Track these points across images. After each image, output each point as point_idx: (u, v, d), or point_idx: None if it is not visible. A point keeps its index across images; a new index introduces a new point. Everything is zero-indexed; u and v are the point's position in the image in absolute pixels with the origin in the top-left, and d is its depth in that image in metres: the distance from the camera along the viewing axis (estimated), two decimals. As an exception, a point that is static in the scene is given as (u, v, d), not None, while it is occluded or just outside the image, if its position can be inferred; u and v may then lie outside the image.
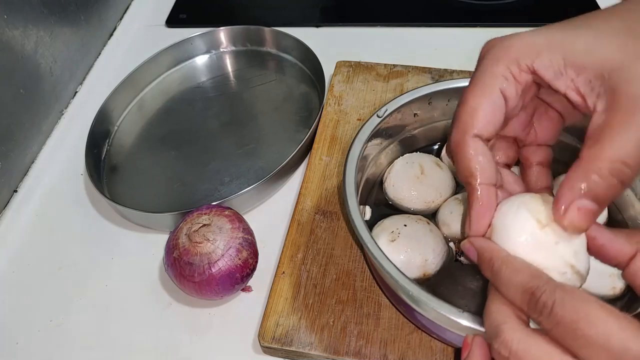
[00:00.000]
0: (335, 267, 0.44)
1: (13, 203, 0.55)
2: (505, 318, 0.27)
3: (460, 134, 0.31)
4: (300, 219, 0.47)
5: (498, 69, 0.30)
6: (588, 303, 0.24)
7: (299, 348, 0.40)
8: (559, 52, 0.29)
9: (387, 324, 0.40)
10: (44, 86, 0.60)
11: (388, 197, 0.47)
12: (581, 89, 0.28)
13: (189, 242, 0.42)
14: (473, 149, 0.30)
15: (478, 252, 0.30)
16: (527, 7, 0.70)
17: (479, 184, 0.31)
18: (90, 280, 0.49)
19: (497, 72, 0.30)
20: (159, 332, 0.45)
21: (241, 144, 0.57)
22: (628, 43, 0.27)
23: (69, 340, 0.45)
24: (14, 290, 0.49)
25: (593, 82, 0.28)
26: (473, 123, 0.30)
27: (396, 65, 0.59)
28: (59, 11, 0.62)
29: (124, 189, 0.55)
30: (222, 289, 0.42)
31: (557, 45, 0.29)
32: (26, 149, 0.58)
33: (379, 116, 0.44)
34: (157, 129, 0.61)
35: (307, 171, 0.50)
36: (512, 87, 0.30)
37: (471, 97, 0.31)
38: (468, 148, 0.30)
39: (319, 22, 0.72)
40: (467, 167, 0.31)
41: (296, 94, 0.62)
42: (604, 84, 0.27)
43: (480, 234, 0.31)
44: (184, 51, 0.66)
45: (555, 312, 0.25)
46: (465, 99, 0.31)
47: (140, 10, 0.77)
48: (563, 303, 0.25)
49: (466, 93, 0.31)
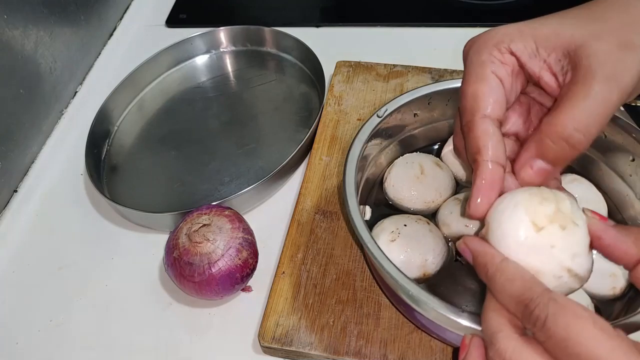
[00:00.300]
0: (335, 267, 0.44)
1: (13, 203, 0.55)
2: (500, 326, 0.27)
3: (469, 116, 0.31)
4: (300, 219, 0.47)
5: (483, 57, 0.32)
6: (581, 320, 0.24)
7: (299, 348, 0.40)
8: (530, 37, 0.31)
9: (387, 323, 0.40)
10: (44, 86, 0.60)
11: (388, 197, 0.47)
12: (553, 68, 0.31)
13: (189, 242, 0.42)
14: (482, 127, 0.31)
15: (473, 255, 0.30)
16: (527, 7, 0.70)
17: (484, 160, 0.30)
18: (90, 280, 0.49)
19: (483, 60, 0.32)
20: (159, 332, 0.45)
21: (241, 144, 0.57)
22: (589, 24, 0.30)
23: (69, 340, 0.45)
24: (14, 290, 0.49)
25: (562, 61, 0.30)
26: (479, 105, 0.31)
27: (396, 65, 0.58)
28: (59, 11, 0.62)
29: (124, 189, 0.55)
30: (222, 289, 0.42)
31: (527, 32, 0.31)
32: (26, 149, 0.58)
33: (379, 116, 0.44)
34: (157, 129, 0.61)
35: (307, 171, 0.50)
36: (501, 69, 0.32)
37: (468, 86, 0.32)
38: (477, 127, 0.31)
39: (319, 22, 0.72)
40: (474, 144, 0.31)
41: (296, 94, 0.62)
42: (571, 61, 0.30)
43: (478, 216, 0.31)
44: (184, 51, 0.66)
45: (548, 326, 0.25)
46: (464, 90, 0.32)
47: (140, 10, 0.77)
48: (555, 318, 0.25)
49: (462, 86, 0.32)
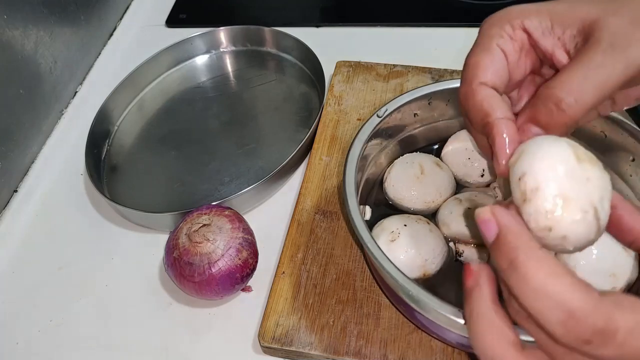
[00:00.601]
0: (335, 267, 0.44)
1: (13, 203, 0.55)
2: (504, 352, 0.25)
3: (467, 85, 0.31)
4: (300, 219, 0.47)
5: (493, 31, 0.31)
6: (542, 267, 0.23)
7: (299, 348, 0.40)
8: (546, 14, 0.31)
9: (387, 324, 0.40)
10: (44, 86, 0.60)
11: (388, 197, 0.47)
12: (567, 45, 0.30)
13: (189, 242, 0.42)
14: (483, 92, 0.30)
15: (500, 231, 0.25)
16: (527, 7, 0.70)
17: (498, 117, 0.29)
18: (90, 280, 0.49)
19: (492, 33, 0.31)
20: (159, 332, 0.45)
21: (241, 144, 0.57)
22: (606, 3, 0.29)
23: (69, 340, 0.45)
24: (14, 290, 0.49)
25: (577, 37, 0.30)
26: (477, 73, 0.31)
27: (396, 65, 0.58)
28: (59, 11, 0.62)
29: (124, 189, 0.55)
30: (222, 289, 0.42)
31: (544, 9, 0.31)
32: (26, 149, 0.58)
33: (379, 116, 0.44)
34: (157, 129, 0.61)
35: (307, 171, 0.50)
36: (508, 44, 0.31)
37: (471, 56, 0.32)
38: (476, 94, 0.30)
39: (319, 22, 0.72)
40: (479, 109, 0.30)
41: (296, 94, 0.62)
42: (584, 37, 0.29)
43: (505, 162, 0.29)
44: (184, 51, 0.66)
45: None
46: (466, 61, 0.32)
47: (140, 10, 0.77)
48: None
49: (467, 57, 0.32)
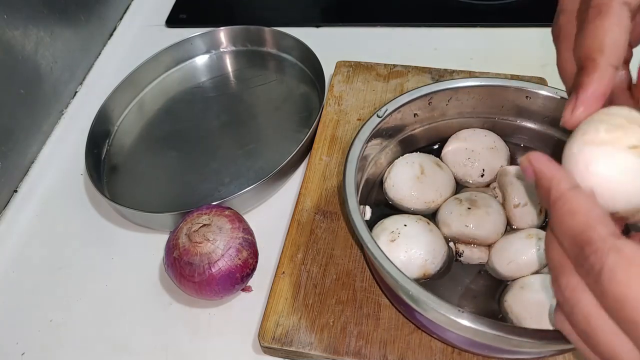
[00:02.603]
0: (335, 267, 0.44)
1: (13, 203, 0.55)
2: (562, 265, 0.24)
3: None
4: (300, 219, 0.47)
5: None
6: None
7: (299, 348, 0.40)
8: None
9: (387, 324, 0.40)
10: (44, 86, 0.60)
11: (388, 197, 0.47)
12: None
13: (189, 242, 0.42)
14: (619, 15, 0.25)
15: (536, 176, 0.27)
16: (527, 7, 0.70)
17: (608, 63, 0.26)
18: (90, 280, 0.49)
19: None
20: (159, 332, 0.45)
21: (241, 144, 0.57)
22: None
23: (69, 340, 0.45)
24: (14, 290, 0.49)
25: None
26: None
27: (396, 65, 0.59)
28: (59, 11, 0.62)
29: (124, 189, 0.55)
30: (222, 289, 0.42)
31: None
32: (26, 149, 0.58)
33: (379, 116, 0.44)
34: (157, 129, 0.61)
35: (307, 171, 0.50)
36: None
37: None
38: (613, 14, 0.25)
39: (319, 22, 0.72)
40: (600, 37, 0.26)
41: (296, 94, 0.62)
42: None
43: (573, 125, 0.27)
44: (184, 51, 0.66)
45: (602, 281, 0.21)
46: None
47: (140, 10, 0.77)
48: (613, 273, 0.21)
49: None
